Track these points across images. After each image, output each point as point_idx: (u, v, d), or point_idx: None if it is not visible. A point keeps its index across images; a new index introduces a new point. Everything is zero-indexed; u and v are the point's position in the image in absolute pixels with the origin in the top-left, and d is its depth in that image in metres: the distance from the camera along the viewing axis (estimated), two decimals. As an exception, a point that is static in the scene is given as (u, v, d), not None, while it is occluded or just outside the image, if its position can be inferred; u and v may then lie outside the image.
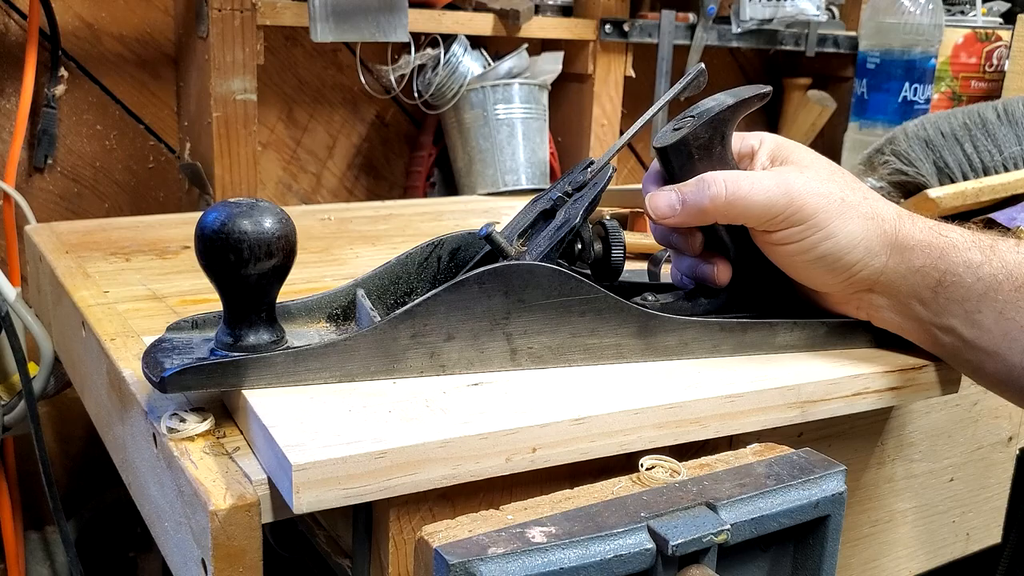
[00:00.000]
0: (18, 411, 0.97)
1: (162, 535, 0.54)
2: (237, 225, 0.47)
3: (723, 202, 0.55)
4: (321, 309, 0.58)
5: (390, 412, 0.48)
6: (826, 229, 0.56)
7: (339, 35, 1.11)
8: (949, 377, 0.61)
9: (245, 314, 0.50)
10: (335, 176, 1.37)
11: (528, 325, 0.54)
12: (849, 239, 0.56)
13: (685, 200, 0.57)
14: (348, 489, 0.44)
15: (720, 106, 0.57)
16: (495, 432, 0.47)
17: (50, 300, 0.84)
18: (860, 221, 0.56)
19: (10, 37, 1.11)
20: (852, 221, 0.56)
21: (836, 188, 0.56)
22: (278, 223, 0.48)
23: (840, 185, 0.57)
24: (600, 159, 0.59)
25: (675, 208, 0.57)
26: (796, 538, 0.49)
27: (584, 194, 0.57)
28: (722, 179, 0.56)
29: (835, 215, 0.56)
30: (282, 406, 0.48)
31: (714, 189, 0.56)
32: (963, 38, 1.46)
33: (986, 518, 0.77)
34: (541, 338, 0.55)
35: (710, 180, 0.56)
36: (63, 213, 1.18)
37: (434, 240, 0.60)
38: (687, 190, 0.57)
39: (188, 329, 0.54)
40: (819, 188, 0.56)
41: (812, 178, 0.56)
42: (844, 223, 0.56)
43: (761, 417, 0.55)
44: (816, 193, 0.56)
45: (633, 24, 1.37)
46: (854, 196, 0.57)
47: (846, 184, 0.58)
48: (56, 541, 1.22)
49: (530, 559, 0.41)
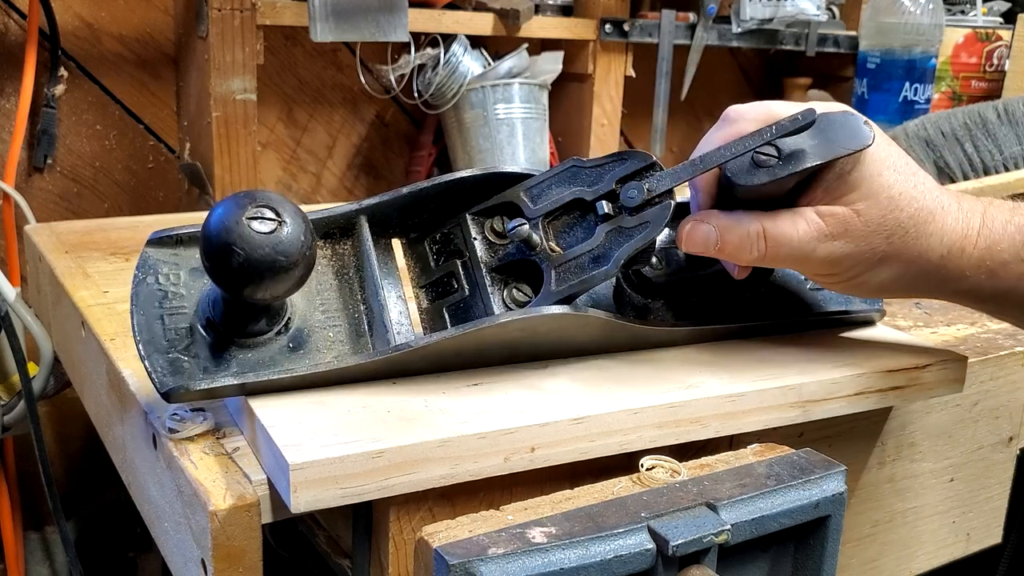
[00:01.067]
0: (18, 411, 0.97)
1: (162, 535, 0.54)
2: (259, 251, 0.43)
3: (757, 259, 0.54)
4: (318, 229, 0.54)
5: (389, 412, 0.48)
6: (856, 280, 0.56)
7: (339, 35, 1.10)
8: (952, 376, 0.61)
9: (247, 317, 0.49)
10: (335, 176, 1.37)
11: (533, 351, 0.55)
12: (880, 283, 0.56)
13: (723, 249, 0.54)
14: (345, 489, 0.44)
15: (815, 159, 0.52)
16: (493, 432, 0.47)
17: (50, 300, 0.84)
18: (898, 267, 0.55)
19: (10, 37, 1.11)
20: (885, 270, 0.55)
21: (880, 239, 0.54)
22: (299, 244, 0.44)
23: (891, 231, 0.54)
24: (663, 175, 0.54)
25: (708, 248, 0.55)
26: (796, 538, 0.49)
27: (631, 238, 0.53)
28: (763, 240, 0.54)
29: (864, 269, 0.55)
30: (282, 406, 0.48)
31: (755, 253, 0.54)
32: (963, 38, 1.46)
33: (986, 518, 0.77)
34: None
35: (755, 238, 0.54)
36: (63, 213, 1.18)
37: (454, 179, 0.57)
38: (729, 240, 0.54)
39: (172, 245, 0.50)
40: (858, 244, 0.54)
41: (859, 229, 0.53)
42: (875, 274, 0.55)
43: (762, 417, 0.55)
44: (848, 253, 0.54)
45: (633, 24, 1.37)
46: (902, 240, 0.54)
47: (901, 226, 0.54)
48: (56, 541, 1.22)
49: (530, 559, 0.41)
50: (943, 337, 0.75)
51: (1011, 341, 0.75)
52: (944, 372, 0.61)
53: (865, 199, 0.53)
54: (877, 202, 0.53)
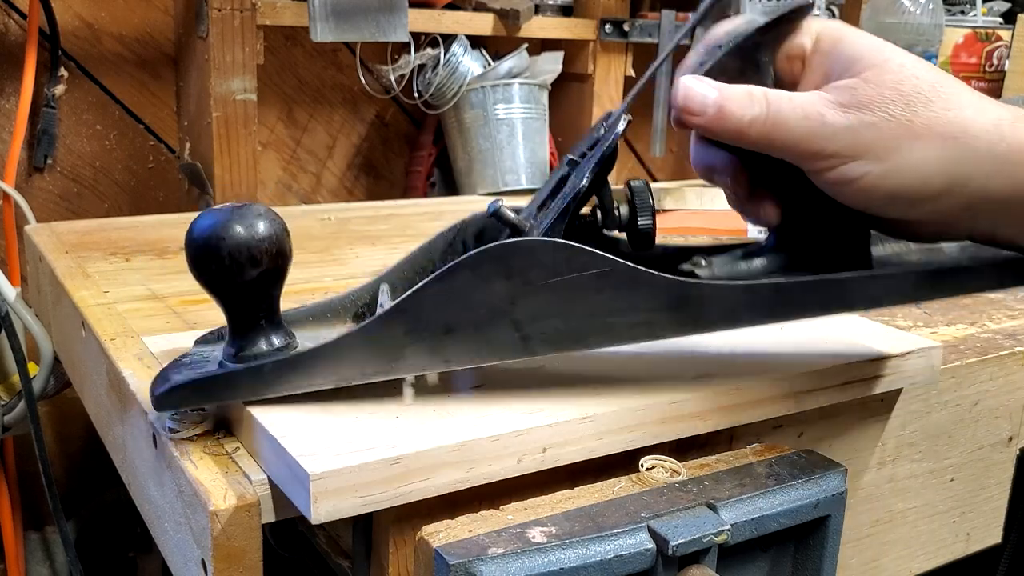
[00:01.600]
0: (18, 411, 0.97)
1: (162, 535, 0.54)
2: (217, 233, 0.45)
3: (761, 126, 0.47)
4: (347, 309, 0.56)
5: (397, 418, 0.48)
6: (886, 164, 0.46)
7: (339, 35, 1.11)
8: (930, 364, 0.62)
9: (244, 324, 0.48)
10: (335, 176, 1.37)
11: (537, 309, 0.48)
12: (918, 171, 0.46)
13: (723, 107, 0.47)
14: (364, 497, 0.43)
15: (749, 27, 0.48)
16: (507, 433, 0.47)
17: (50, 300, 0.84)
18: (935, 144, 0.46)
19: (10, 37, 1.11)
20: (920, 148, 0.46)
21: (900, 107, 0.46)
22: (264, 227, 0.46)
23: (910, 98, 0.46)
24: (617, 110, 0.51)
25: (706, 109, 0.48)
26: (796, 538, 0.49)
27: (592, 153, 0.49)
28: (766, 98, 0.47)
29: (894, 145, 0.46)
30: (286, 416, 0.48)
31: (757, 108, 0.47)
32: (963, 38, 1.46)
33: (986, 518, 0.77)
34: (554, 322, 0.48)
35: (758, 97, 0.47)
36: (63, 213, 1.18)
37: (458, 224, 0.56)
38: (730, 95, 0.47)
39: (214, 342, 0.53)
40: (875, 113, 0.46)
41: (872, 96, 0.46)
42: (909, 152, 0.46)
43: (757, 410, 0.55)
44: (869, 123, 0.46)
45: (633, 24, 1.37)
46: (929, 111, 0.46)
47: (922, 94, 0.46)
48: (56, 541, 1.22)
49: (530, 559, 0.41)
50: (943, 337, 0.75)
51: (1011, 341, 0.75)
52: (922, 360, 0.62)
53: (870, 68, 0.47)
54: (885, 69, 0.47)
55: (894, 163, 0.46)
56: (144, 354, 0.61)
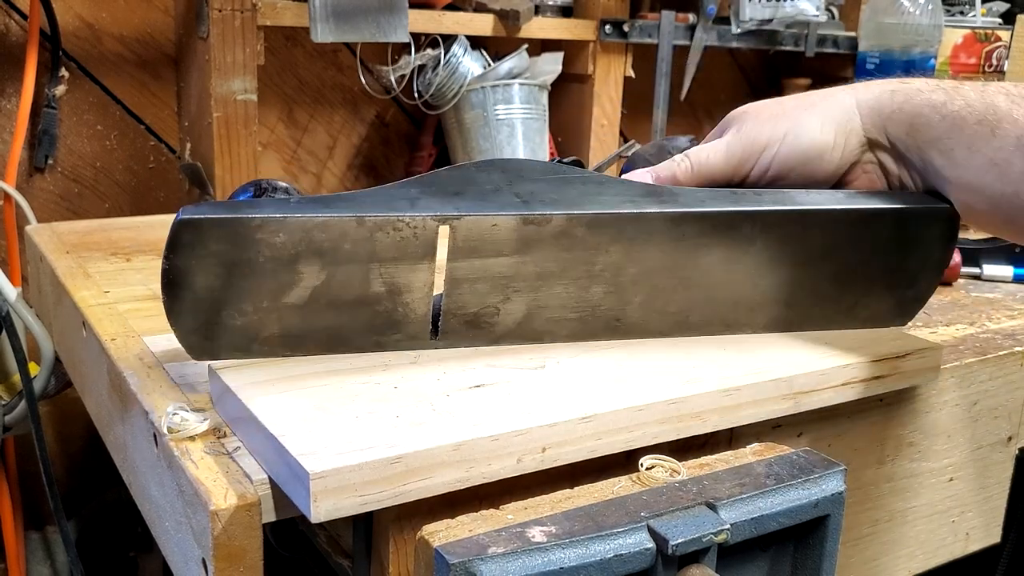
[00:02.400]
0: (19, 411, 0.97)
1: (163, 535, 0.54)
2: None
3: (689, 169, 0.62)
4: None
5: (398, 417, 0.48)
6: (787, 136, 0.60)
7: (339, 35, 1.11)
8: (930, 364, 0.63)
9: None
10: (335, 176, 1.37)
11: (534, 187, 0.56)
12: (810, 129, 0.60)
13: (659, 176, 0.63)
14: (364, 496, 0.43)
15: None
16: (506, 433, 0.47)
17: (51, 300, 0.85)
18: (814, 111, 0.61)
19: (10, 37, 1.11)
20: (805, 117, 0.61)
21: (777, 107, 0.62)
22: None
23: (782, 104, 0.63)
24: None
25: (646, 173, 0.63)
26: (796, 538, 0.49)
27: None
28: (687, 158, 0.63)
29: (784, 122, 0.61)
30: (285, 414, 0.48)
31: (682, 164, 0.63)
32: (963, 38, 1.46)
33: (986, 518, 0.77)
34: (550, 195, 0.56)
35: (678, 158, 0.64)
36: (63, 213, 1.18)
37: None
38: (659, 167, 0.63)
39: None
40: (760, 115, 0.62)
41: (754, 114, 0.62)
42: (798, 122, 0.61)
43: (757, 410, 0.55)
44: (760, 119, 0.62)
45: (633, 24, 1.37)
46: (802, 101, 0.62)
47: (794, 99, 0.63)
48: (57, 541, 1.22)
49: (530, 559, 0.41)
50: (942, 337, 0.75)
51: (1010, 341, 0.75)
52: (922, 360, 0.62)
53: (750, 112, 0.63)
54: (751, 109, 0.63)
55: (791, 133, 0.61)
56: (145, 354, 0.61)
